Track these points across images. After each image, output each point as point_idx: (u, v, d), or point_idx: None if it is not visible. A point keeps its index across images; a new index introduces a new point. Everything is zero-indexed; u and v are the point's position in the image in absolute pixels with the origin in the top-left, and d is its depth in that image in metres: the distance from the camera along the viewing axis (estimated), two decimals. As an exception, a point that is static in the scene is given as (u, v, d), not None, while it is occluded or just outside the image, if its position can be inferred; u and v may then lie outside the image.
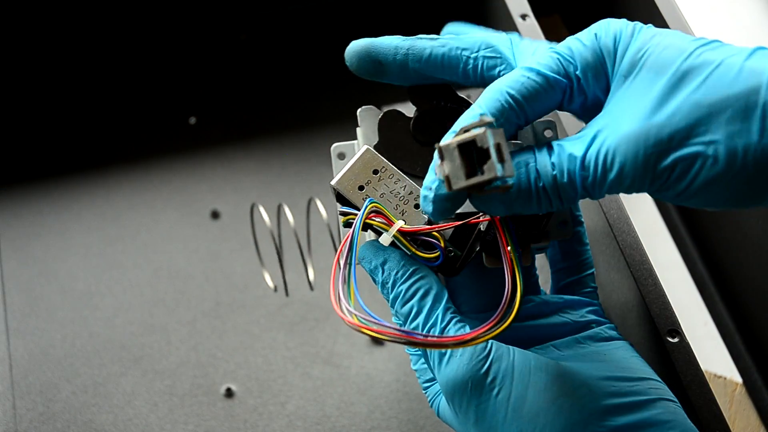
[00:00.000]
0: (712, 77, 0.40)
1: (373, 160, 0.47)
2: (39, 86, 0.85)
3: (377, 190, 0.47)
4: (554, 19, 0.88)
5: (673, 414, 0.44)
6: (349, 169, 0.47)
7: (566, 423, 0.42)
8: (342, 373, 0.71)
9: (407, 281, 0.46)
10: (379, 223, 0.45)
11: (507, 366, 0.44)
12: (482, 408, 0.44)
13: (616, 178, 0.41)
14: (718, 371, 0.71)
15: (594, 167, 0.41)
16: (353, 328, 0.41)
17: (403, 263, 0.46)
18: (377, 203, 0.45)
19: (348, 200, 0.47)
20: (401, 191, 0.47)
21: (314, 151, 0.82)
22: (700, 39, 0.42)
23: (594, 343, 0.48)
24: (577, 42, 0.45)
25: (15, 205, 0.80)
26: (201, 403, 0.70)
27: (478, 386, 0.44)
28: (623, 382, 0.45)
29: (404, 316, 0.46)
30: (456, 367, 0.44)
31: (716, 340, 0.74)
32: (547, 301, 0.50)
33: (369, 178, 0.47)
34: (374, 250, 0.47)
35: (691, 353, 0.50)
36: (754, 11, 0.89)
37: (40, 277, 0.76)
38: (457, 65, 0.48)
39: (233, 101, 0.85)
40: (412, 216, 0.46)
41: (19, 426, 0.68)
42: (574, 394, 0.43)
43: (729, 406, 0.70)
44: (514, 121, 0.43)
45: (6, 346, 0.70)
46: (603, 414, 0.43)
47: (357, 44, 0.49)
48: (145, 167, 0.82)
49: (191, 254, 0.77)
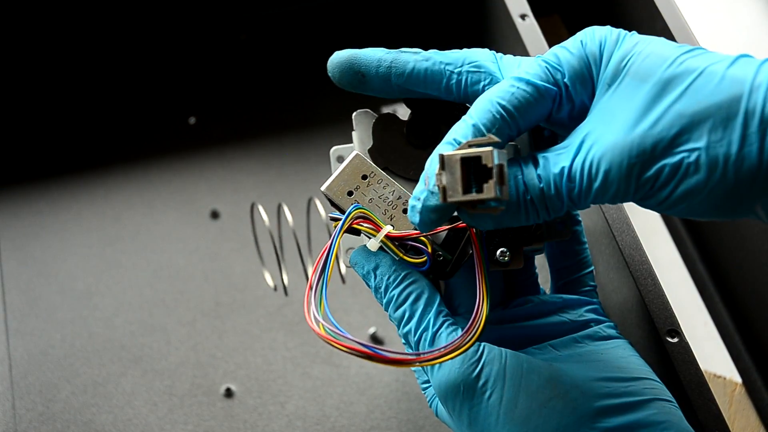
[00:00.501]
0: (694, 86, 0.39)
1: (362, 166, 0.47)
2: (39, 86, 0.85)
3: (366, 195, 0.47)
4: (554, 19, 0.88)
5: (668, 414, 0.44)
6: (338, 175, 0.47)
7: (558, 425, 0.42)
8: (341, 373, 0.71)
9: (399, 286, 0.46)
10: (368, 229, 0.45)
11: (498, 369, 0.44)
12: (475, 411, 0.44)
13: (600, 187, 0.41)
14: (717, 371, 0.71)
15: (580, 178, 0.41)
16: (321, 338, 0.42)
17: (394, 268, 0.46)
18: (363, 209, 0.46)
19: (338, 205, 0.47)
20: (390, 196, 0.47)
21: (314, 151, 0.82)
22: (684, 46, 0.41)
23: (592, 342, 0.48)
24: (563, 50, 0.44)
25: (15, 205, 0.80)
26: (200, 403, 0.70)
27: (469, 390, 0.44)
28: (618, 382, 0.45)
29: (397, 320, 0.46)
30: (448, 371, 0.44)
31: (716, 340, 0.74)
32: (546, 300, 0.50)
33: (358, 183, 0.47)
34: (366, 255, 0.47)
35: (690, 353, 0.50)
36: (754, 11, 0.89)
37: (39, 277, 0.76)
38: (440, 80, 0.47)
39: (233, 101, 0.86)
40: (400, 221, 0.47)
41: (18, 426, 0.68)
42: (567, 396, 0.43)
43: (728, 406, 0.70)
44: (506, 132, 0.43)
45: (6, 346, 0.70)
46: (595, 416, 0.43)
47: (340, 55, 0.49)
48: (145, 167, 0.82)
49: (191, 254, 0.77)
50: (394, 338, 0.72)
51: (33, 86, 0.85)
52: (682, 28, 0.65)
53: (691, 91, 0.39)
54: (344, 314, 0.73)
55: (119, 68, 0.86)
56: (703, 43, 0.64)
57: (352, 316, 0.73)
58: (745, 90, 0.38)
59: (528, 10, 0.66)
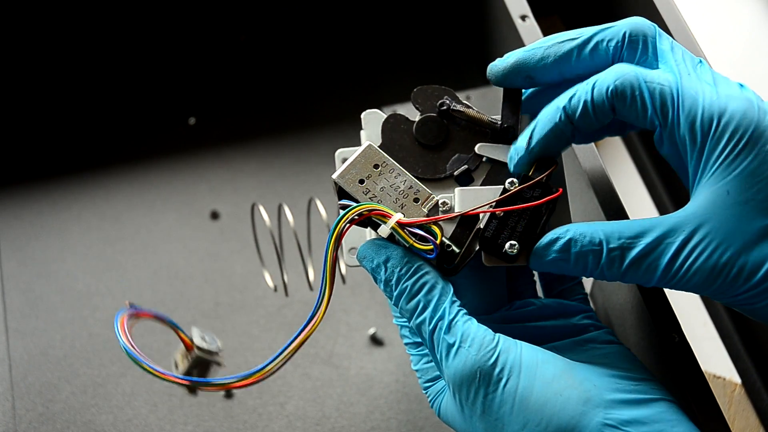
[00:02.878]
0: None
1: (375, 155, 0.48)
2: (39, 86, 0.85)
3: (377, 183, 0.47)
4: (553, 19, 0.88)
5: (677, 413, 0.44)
6: (350, 163, 0.48)
7: (573, 414, 0.43)
8: (341, 373, 0.71)
9: (412, 277, 0.46)
10: (378, 216, 0.46)
11: (515, 357, 0.44)
12: (489, 399, 0.44)
13: (691, 287, 0.44)
14: (717, 372, 0.71)
15: (673, 276, 0.44)
16: None
17: (406, 260, 0.46)
18: (371, 204, 0.46)
19: (348, 193, 0.47)
20: (401, 185, 0.47)
21: (314, 151, 0.82)
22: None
23: (593, 346, 0.48)
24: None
25: (15, 206, 0.80)
26: (200, 403, 0.70)
27: (486, 377, 0.44)
28: (626, 380, 0.45)
29: (410, 312, 0.46)
30: (464, 358, 0.44)
31: (715, 340, 0.74)
32: (547, 304, 0.50)
33: (370, 172, 0.47)
34: (376, 248, 0.47)
35: (691, 354, 0.50)
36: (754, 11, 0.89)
37: (39, 278, 0.76)
38: (605, 60, 0.48)
39: (233, 101, 0.86)
40: (411, 210, 0.47)
41: (18, 426, 0.68)
42: (581, 386, 0.43)
43: (728, 407, 0.70)
44: None
45: (5, 346, 0.70)
46: (608, 407, 0.43)
47: (504, 64, 0.49)
48: (145, 167, 0.82)
49: (191, 255, 0.77)
50: (394, 339, 0.72)
51: (33, 86, 0.85)
52: (682, 29, 0.65)
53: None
54: (344, 314, 0.73)
55: (119, 69, 0.86)
56: (703, 43, 0.64)
57: (351, 317, 0.73)
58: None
59: (528, 11, 0.66)
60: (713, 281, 0.43)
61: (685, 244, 0.43)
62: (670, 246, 0.43)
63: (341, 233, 0.45)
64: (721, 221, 0.43)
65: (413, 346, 0.50)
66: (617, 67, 0.45)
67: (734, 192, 0.43)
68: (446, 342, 0.45)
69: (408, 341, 0.50)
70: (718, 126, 0.43)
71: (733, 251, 0.42)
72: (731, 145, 0.43)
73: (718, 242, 0.42)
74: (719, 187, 0.43)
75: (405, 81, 0.84)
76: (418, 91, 0.51)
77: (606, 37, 0.48)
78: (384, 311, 0.74)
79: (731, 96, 0.44)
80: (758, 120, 0.43)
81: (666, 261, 0.43)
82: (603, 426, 0.42)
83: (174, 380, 0.48)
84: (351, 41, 0.88)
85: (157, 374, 0.48)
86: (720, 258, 0.42)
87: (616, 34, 0.47)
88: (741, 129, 0.43)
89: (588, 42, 0.48)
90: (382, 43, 0.88)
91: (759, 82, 0.87)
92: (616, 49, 0.47)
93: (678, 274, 0.43)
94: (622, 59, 0.48)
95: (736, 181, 0.43)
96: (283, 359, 0.46)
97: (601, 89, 0.44)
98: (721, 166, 0.43)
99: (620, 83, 0.44)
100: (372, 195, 0.47)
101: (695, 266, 0.43)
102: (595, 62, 0.48)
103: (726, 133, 0.43)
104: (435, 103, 0.50)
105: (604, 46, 0.48)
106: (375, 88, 0.85)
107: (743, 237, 0.42)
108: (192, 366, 0.56)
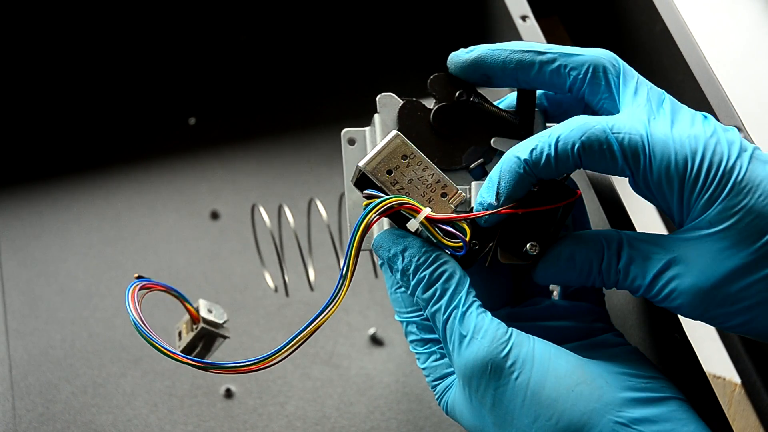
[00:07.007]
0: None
1: (403, 146, 0.47)
2: (39, 86, 0.85)
3: (405, 176, 0.46)
4: (553, 20, 0.88)
5: (688, 412, 0.44)
6: (378, 152, 0.46)
7: (584, 410, 0.43)
8: (341, 373, 0.71)
9: (431, 266, 0.46)
10: (408, 209, 0.45)
11: (527, 351, 0.44)
12: (500, 392, 0.44)
13: (672, 308, 0.45)
14: (717, 372, 0.71)
15: (656, 294, 0.45)
16: None
17: (425, 249, 0.46)
18: (402, 197, 0.45)
19: (375, 184, 0.46)
20: (429, 179, 0.46)
21: (314, 151, 0.82)
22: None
23: (603, 348, 0.48)
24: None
25: (15, 206, 0.80)
26: (200, 403, 0.70)
27: (497, 369, 0.44)
28: (638, 378, 0.45)
29: (426, 300, 0.46)
30: (476, 349, 0.44)
31: (715, 341, 0.74)
32: (556, 304, 0.50)
33: (398, 163, 0.46)
34: (393, 238, 0.47)
35: (692, 353, 0.50)
36: (754, 11, 0.89)
37: (39, 278, 0.76)
38: (564, 83, 0.49)
39: (233, 101, 0.86)
40: (438, 204, 0.46)
41: (18, 427, 0.68)
42: (593, 382, 0.43)
43: (728, 407, 0.70)
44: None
45: (6, 346, 0.70)
46: (620, 405, 0.43)
47: (463, 57, 0.49)
48: (145, 167, 0.82)
49: (191, 255, 0.77)
50: (394, 339, 0.72)
51: (33, 86, 0.85)
52: (682, 29, 0.65)
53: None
54: (344, 314, 0.73)
55: (119, 69, 0.86)
56: (702, 43, 0.64)
57: (351, 317, 0.73)
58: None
59: (529, 12, 0.66)
60: None
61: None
62: None
63: (369, 224, 0.45)
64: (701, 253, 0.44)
65: (420, 344, 0.49)
66: (581, 121, 0.45)
67: (715, 222, 0.44)
68: (459, 332, 0.45)
69: (414, 338, 0.49)
70: (693, 167, 0.44)
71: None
72: (708, 182, 0.44)
73: None
74: (702, 221, 0.44)
75: (405, 81, 0.84)
76: (435, 78, 0.50)
77: (570, 64, 0.48)
78: (384, 311, 0.74)
79: (698, 134, 0.45)
80: (729, 153, 0.44)
81: None
82: (614, 424, 0.42)
83: (184, 360, 0.47)
84: (351, 41, 0.88)
85: (167, 353, 0.47)
86: None
87: (580, 66, 0.48)
88: (714, 166, 0.44)
89: (551, 62, 0.48)
90: (383, 43, 0.88)
91: (759, 82, 0.88)
92: (576, 80, 0.48)
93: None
94: (583, 94, 0.48)
95: (716, 213, 0.44)
96: (296, 343, 0.46)
97: (566, 145, 0.45)
98: (701, 203, 0.44)
99: (587, 139, 0.44)
100: (400, 187, 0.46)
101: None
102: (553, 82, 0.49)
103: (702, 173, 0.44)
104: (453, 90, 0.50)
105: (566, 72, 0.48)
106: (375, 88, 0.84)
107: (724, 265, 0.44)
108: (197, 338, 0.55)
